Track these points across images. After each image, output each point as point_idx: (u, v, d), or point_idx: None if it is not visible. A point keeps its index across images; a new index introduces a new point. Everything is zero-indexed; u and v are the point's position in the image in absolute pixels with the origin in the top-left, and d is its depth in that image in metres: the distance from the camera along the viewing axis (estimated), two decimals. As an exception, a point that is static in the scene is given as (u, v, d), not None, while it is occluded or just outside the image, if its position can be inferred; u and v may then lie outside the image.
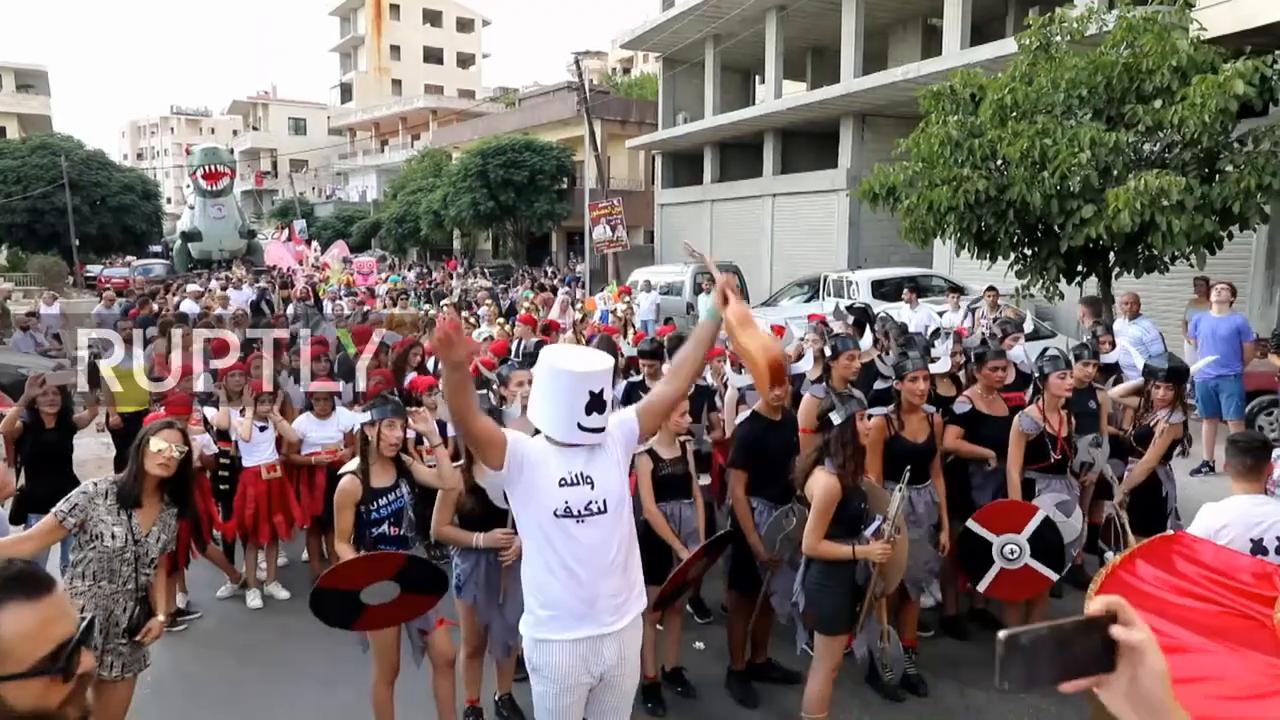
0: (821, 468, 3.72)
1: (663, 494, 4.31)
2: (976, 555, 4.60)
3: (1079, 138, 8.83)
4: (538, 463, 2.80)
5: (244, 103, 70.49)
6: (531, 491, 2.79)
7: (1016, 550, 4.52)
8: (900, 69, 18.13)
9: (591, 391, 2.75)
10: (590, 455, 2.84)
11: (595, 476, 2.82)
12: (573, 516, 2.76)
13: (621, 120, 34.10)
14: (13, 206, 37.58)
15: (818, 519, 3.66)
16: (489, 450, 2.75)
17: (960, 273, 16.05)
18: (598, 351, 3.02)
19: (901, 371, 4.51)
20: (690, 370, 3.08)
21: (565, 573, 2.78)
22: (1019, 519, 4.57)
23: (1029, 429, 4.71)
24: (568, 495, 2.77)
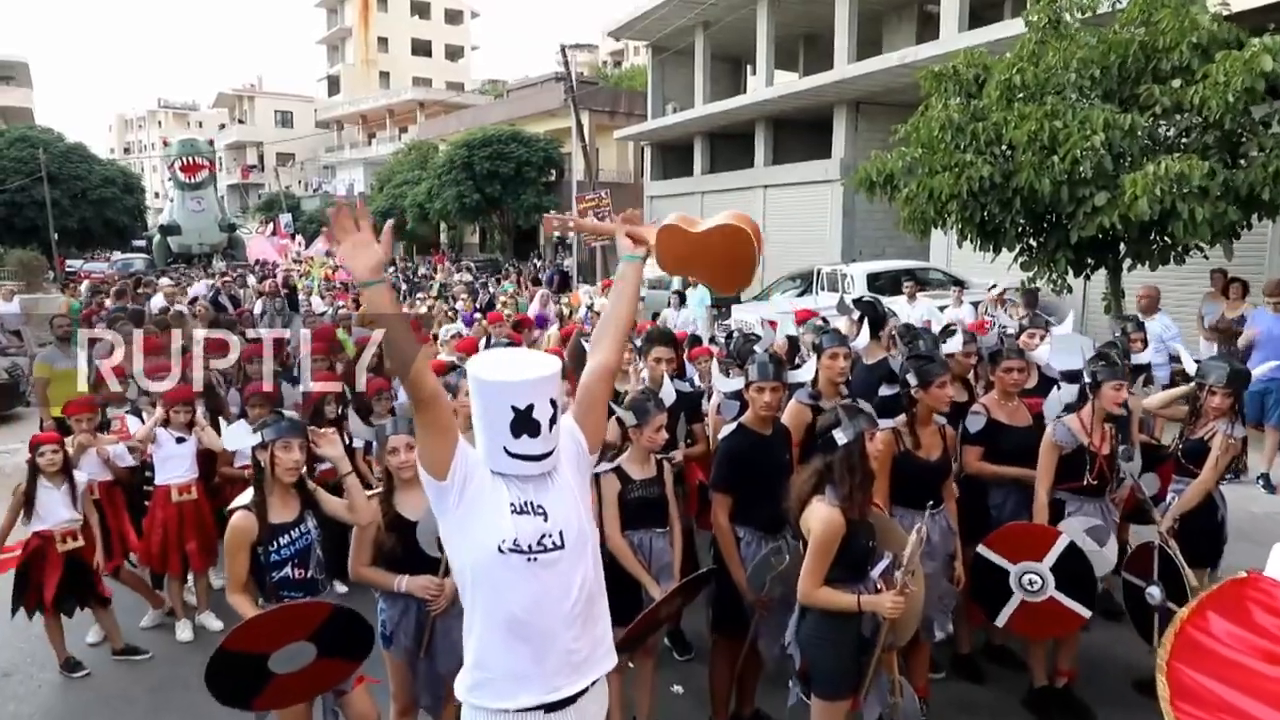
0: (821, 498, 3.07)
1: (632, 521, 3.67)
2: (992, 585, 3.97)
3: (1091, 120, 8.22)
4: (484, 481, 2.20)
5: (230, 95, 69.55)
6: (472, 517, 2.18)
7: (1038, 581, 3.90)
8: (896, 54, 17.54)
9: (515, 407, 2.14)
10: (539, 483, 2.25)
11: (548, 506, 2.23)
12: (522, 552, 2.16)
13: (610, 111, 33.45)
14: (-10, 199, 36.85)
15: (816, 560, 3.02)
16: (436, 436, 2.14)
17: (959, 265, 15.45)
18: (537, 355, 2.39)
19: (927, 377, 3.85)
20: (616, 331, 2.49)
21: (509, 625, 2.18)
22: (1040, 545, 3.92)
23: (1064, 440, 4.08)
24: (517, 526, 2.17)
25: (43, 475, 4.67)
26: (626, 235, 2.53)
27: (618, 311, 2.51)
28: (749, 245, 2.44)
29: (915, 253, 17.21)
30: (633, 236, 2.53)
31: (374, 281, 2.01)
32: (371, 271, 2.01)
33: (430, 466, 2.17)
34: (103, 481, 5.16)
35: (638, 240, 2.53)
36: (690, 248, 2.49)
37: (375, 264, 2.01)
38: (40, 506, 4.68)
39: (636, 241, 2.54)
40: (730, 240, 2.45)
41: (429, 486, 2.20)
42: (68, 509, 4.72)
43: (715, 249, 2.47)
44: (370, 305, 2.08)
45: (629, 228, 2.53)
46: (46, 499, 4.69)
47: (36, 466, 4.66)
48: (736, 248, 2.45)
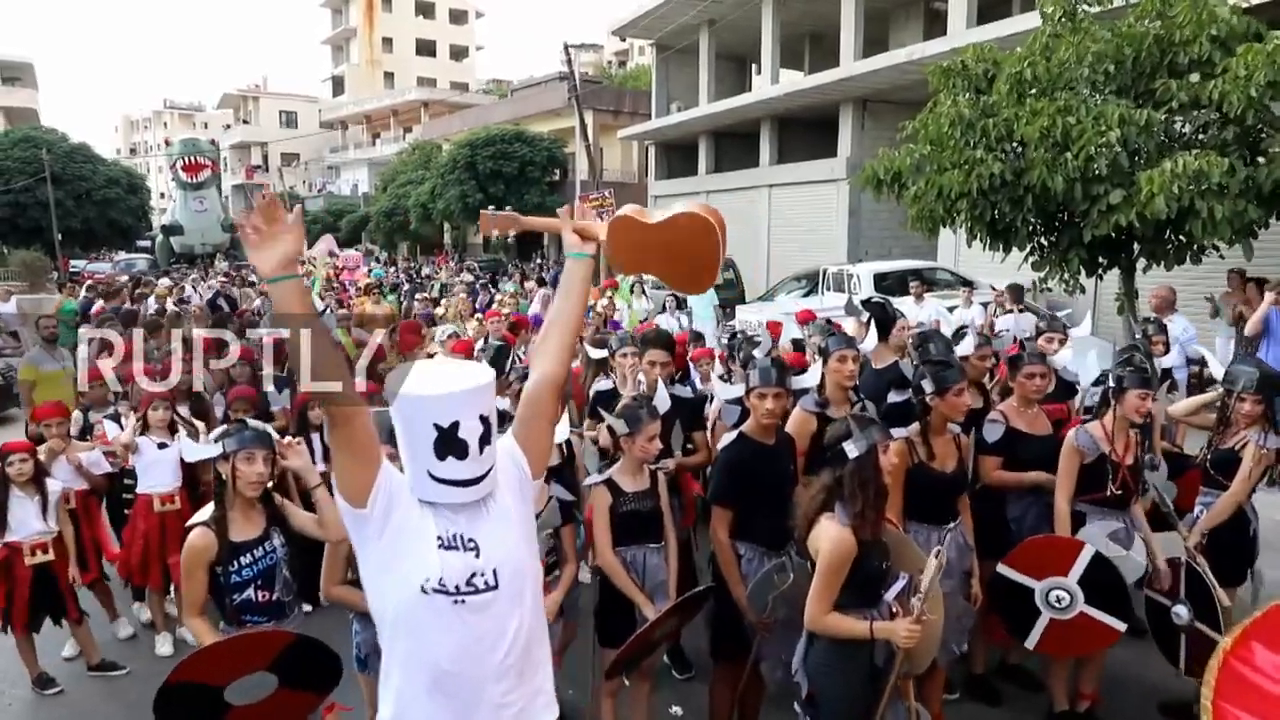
0: (830, 515, 2.83)
1: (624, 536, 3.45)
2: (1017, 605, 3.73)
3: (1105, 115, 7.97)
4: (410, 510, 1.95)
5: (234, 95, 69.48)
6: (395, 552, 1.93)
7: (1066, 597, 3.65)
8: (903, 50, 17.29)
9: (438, 425, 1.89)
10: (472, 513, 1.99)
11: (481, 540, 1.97)
12: (447, 593, 1.91)
13: (614, 110, 33.23)
14: (-5, 200, 36.80)
15: (825, 584, 2.79)
16: (354, 457, 1.90)
17: (967, 265, 15.20)
18: (468, 365, 2.13)
19: (944, 383, 3.60)
20: (561, 337, 2.22)
21: (432, 677, 1.93)
22: (1063, 558, 3.68)
23: (1086, 447, 3.83)
24: (444, 563, 1.92)
25: (13, 485, 4.46)
26: (574, 231, 2.25)
27: (563, 315, 2.24)
28: (712, 236, 2.17)
29: (923, 252, 16.96)
30: (581, 232, 2.26)
31: (283, 277, 1.76)
32: (280, 265, 1.76)
33: (347, 491, 1.91)
34: (79, 490, 4.95)
35: (586, 236, 2.26)
36: (646, 242, 2.22)
37: (284, 257, 1.76)
38: (11, 517, 4.47)
39: (585, 237, 2.26)
40: (691, 231, 2.18)
41: (346, 515, 1.95)
42: (39, 520, 4.51)
43: (674, 242, 2.20)
44: (277, 304, 1.79)
45: (576, 223, 2.26)
46: (18, 509, 4.48)
47: (6, 476, 4.45)
48: (698, 240, 2.18)
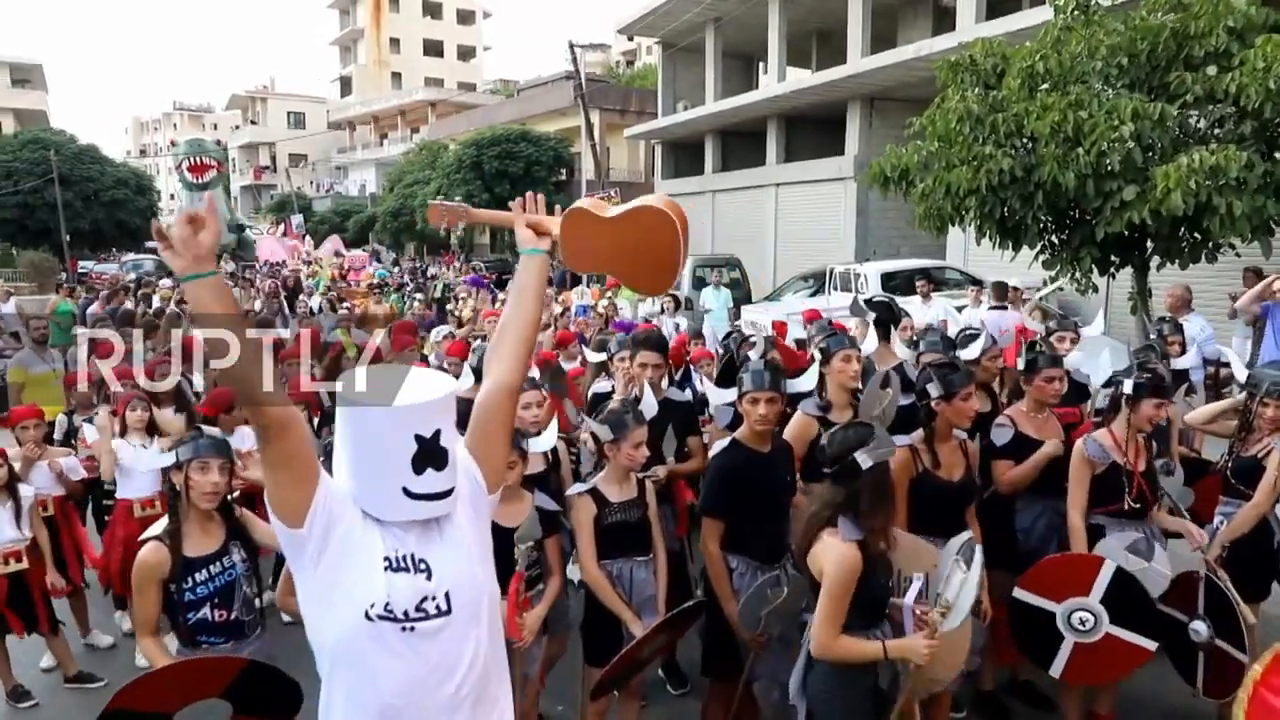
0: (833, 531, 2.62)
1: (610, 548, 3.26)
2: (1038, 631, 3.50)
3: (1119, 109, 7.76)
4: (353, 527, 1.78)
5: (243, 97, 69.59)
6: (336, 576, 1.77)
7: (1089, 619, 3.43)
8: (911, 46, 17.07)
9: (420, 436, 1.76)
10: (423, 531, 1.84)
11: (433, 561, 1.82)
12: (395, 620, 1.76)
13: (621, 110, 33.05)
14: (3, 202, 36.83)
15: (833, 606, 2.57)
16: (290, 473, 1.73)
17: (976, 264, 14.97)
18: (424, 371, 2.00)
19: (952, 388, 3.39)
20: (517, 340, 2.07)
21: (377, 711, 1.77)
22: (1082, 577, 3.44)
23: (1096, 455, 3.63)
24: (391, 586, 1.76)
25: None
26: (527, 226, 2.13)
27: (518, 317, 2.09)
28: (673, 233, 2.02)
29: (931, 251, 16.75)
30: (534, 227, 2.13)
31: (199, 274, 1.58)
32: (197, 260, 1.58)
33: (282, 511, 1.74)
34: (56, 496, 4.79)
35: (540, 231, 2.13)
36: (602, 238, 2.09)
37: (201, 251, 1.59)
38: None
39: (539, 232, 2.13)
40: (650, 227, 2.04)
41: (280, 536, 1.77)
42: (11, 527, 4.35)
43: (632, 238, 2.06)
44: (194, 304, 1.62)
45: (530, 217, 2.14)
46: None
47: None
48: (657, 235, 2.04)
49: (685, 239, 2.05)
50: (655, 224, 2.03)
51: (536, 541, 3.17)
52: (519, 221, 2.15)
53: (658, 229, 2.03)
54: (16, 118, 49.54)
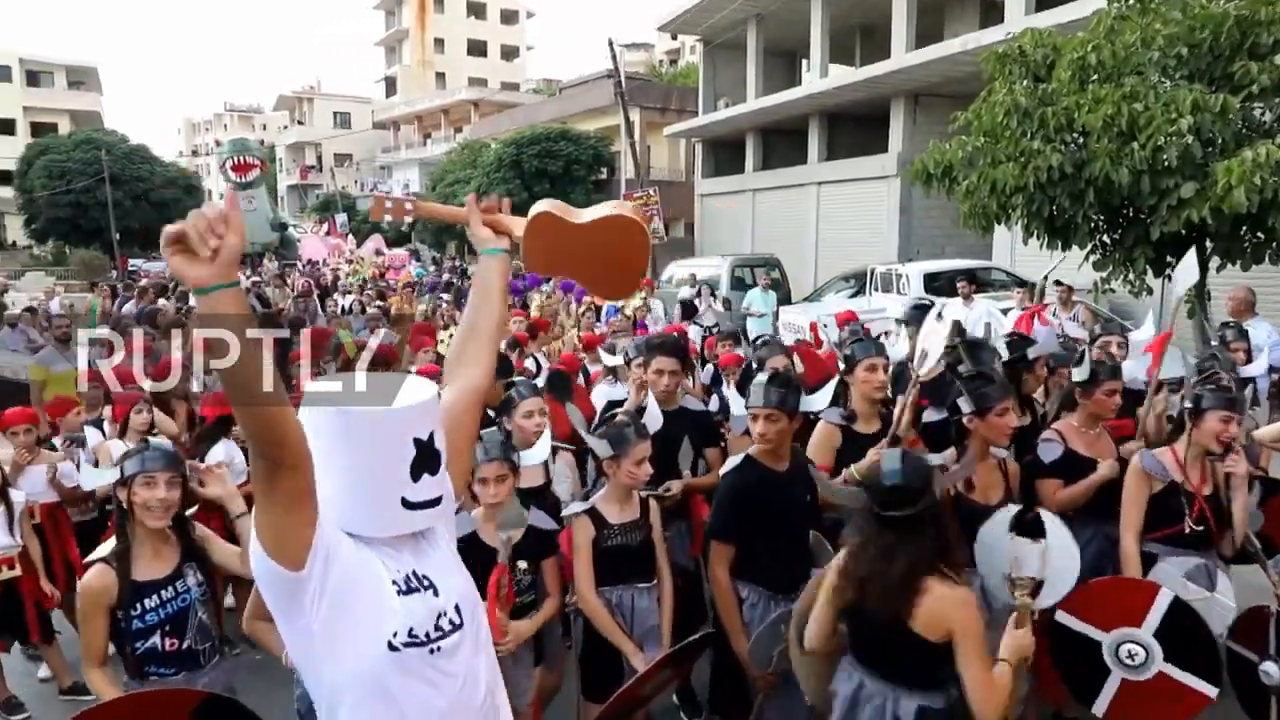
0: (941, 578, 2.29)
1: (610, 574, 3.01)
2: (1081, 661, 3.15)
3: (1177, 102, 7.33)
4: (349, 559, 1.60)
5: (289, 97, 70.55)
6: (343, 611, 1.57)
7: (1140, 654, 3.06)
8: (958, 40, 16.57)
9: (419, 439, 1.65)
10: (416, 547, 1.71)
11: (434, 576, 1.70)
12: (420, 644, 1.62)
13: (661, 108, 32.78)
14: (57, 201, 37.71)
15: (985, 663, 2.26)
16: (297, 511, 1.52)
17: (1023, 265, 14.44)
18: (406, 377, 1.81)
19: (985, 402, 3.07)
20: (483, 344, 1.99)
21: None
22: (1134, 605, 3.07)
23: (1154, 470, 3.28)
24: (409, 610, 1.62)
25: None
26: (485, 224, 2.02)
27: (482, 319, 2.00)
28: (641, 240, 2.03)
29: (976, 251, 16.24)
30: (493, 225, 2.02)
31: (218, 286, 1.32)
32: (220, 271, 1.32)
33: (281, 553, 1.52)
34: (44, 504, 4.64)
35: (498, 229, 2.03)
36: (569, 243, 2.02)
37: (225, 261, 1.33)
38: None
39: (497, 231, 2.03)
40: (621, 236, 2.03)
41: (272, 581, 1.55)
42: (4, 533, 4.22)
43: (603, 246, 2.04)
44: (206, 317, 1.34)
45: (488, 215, 2.02)
46: None
47: None
48: (627, 245, 2.04)
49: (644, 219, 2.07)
50: (625, 231, 2.02)
51: (531, 562, 2.94)
52: (474, 219, 2.04)
53: (626, 236, 2.02)
54: (72, 119, 50.77)
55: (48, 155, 38.81)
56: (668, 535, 3.74)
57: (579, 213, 2.05)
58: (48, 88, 54.24)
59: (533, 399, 3.64)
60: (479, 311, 2.01)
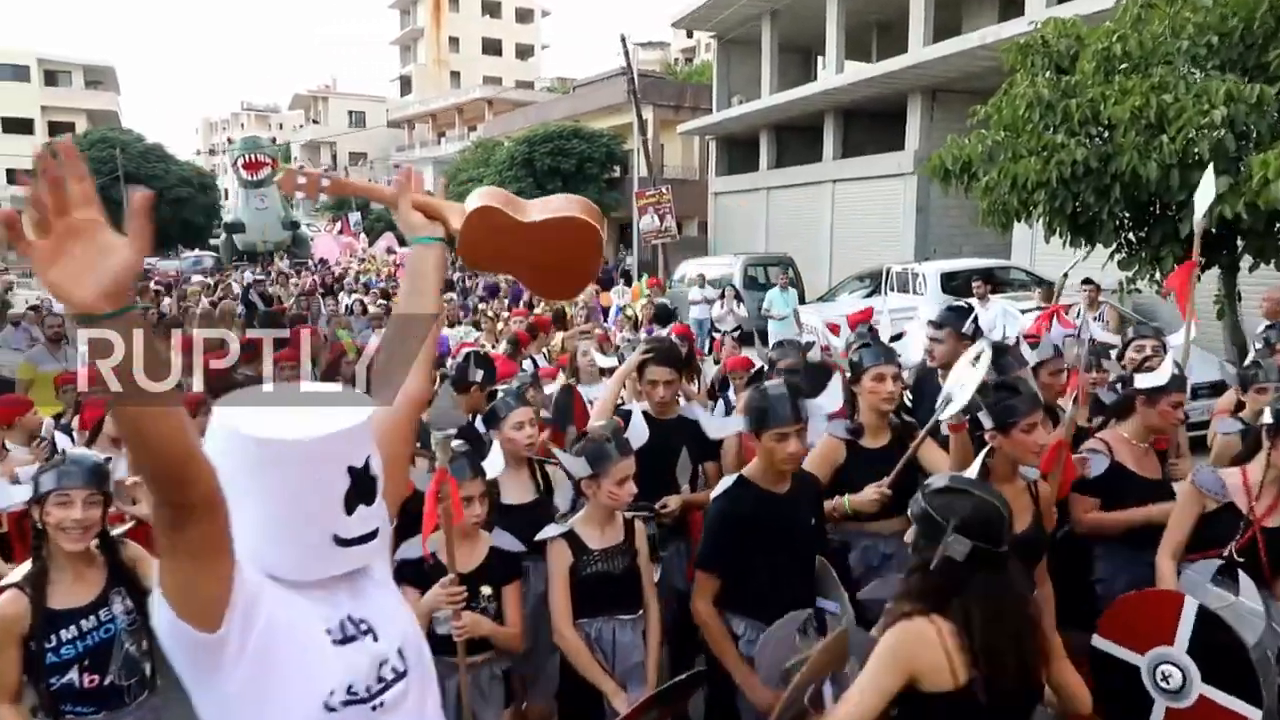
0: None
1: (589, 605, 2.71)
2: (1125, 692, 2.79)
3: (1209, 92, 6.99)
4: (274, 610, 1.35)
5: (305, 96, 70.71)
6: (269, 672, 1.32)
7: (1177, 675, 2.71)
8: (977, 33, 16.18)
9: (354, 468, 1.41)
10: (352, 586, 1.47)
11: (373, 618, 1.45)
12: (362, 701, 1.39)
13: (675, 105, 32.45)
14: (71, 199, 37.83)
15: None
16: (208, 563, 1.25)
17: (1044, 264, 14.05)
18: (318, 386, 1.62)
19: (1007, 416, 2.74)
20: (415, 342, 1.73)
21: None
22: (1162, 620, 2.74)
23: (1211, 487, 2.95)
24: (347, 663, 1.38)
25: None
26: (415, 209, 1.76)
27: (415, 319, 1.75)
28: (594, 243, 1.87)
29: (996, 250, 15.85)
30: (424, 210, 1.76)
31: (108, 313, 1.04)
32: (104, 295, 1.04)
33: (191, 609, 1.26)
34: (11, 512, 4.39)
35: (431, 214, 1.77)
36: (514, 240, 1.82)
37: (111, 281, 1.05)
38: None
39: (430, 216, 1.77)
40: (573, 237, 1.86)
41: (182, 642, 1.28)
42: None
43: (551, 245, 1.85)
44: (95, 353, 1.06)
45: (418, 198, 1.76)
46: None
47: None
48: (578, 247, 1.87)
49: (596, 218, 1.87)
50: (577, 233, 1.85)
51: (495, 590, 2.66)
52: (403, 202, 1.77)
53: (578, 238, 1.85)
54: (90, 118, 51.01)
55: (63, 154, 38.97)
56: (664, 555, 3.46)
57: (527, 207, 1.86)
58: (65, 87, 54.53)
59: (521, 409, 3.36)
60: (411, 310, 1.75)
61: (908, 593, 2.02)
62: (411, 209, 1.78)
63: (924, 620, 1.93)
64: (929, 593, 1.97)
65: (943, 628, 1.91)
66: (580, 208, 1.87)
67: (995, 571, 1.96)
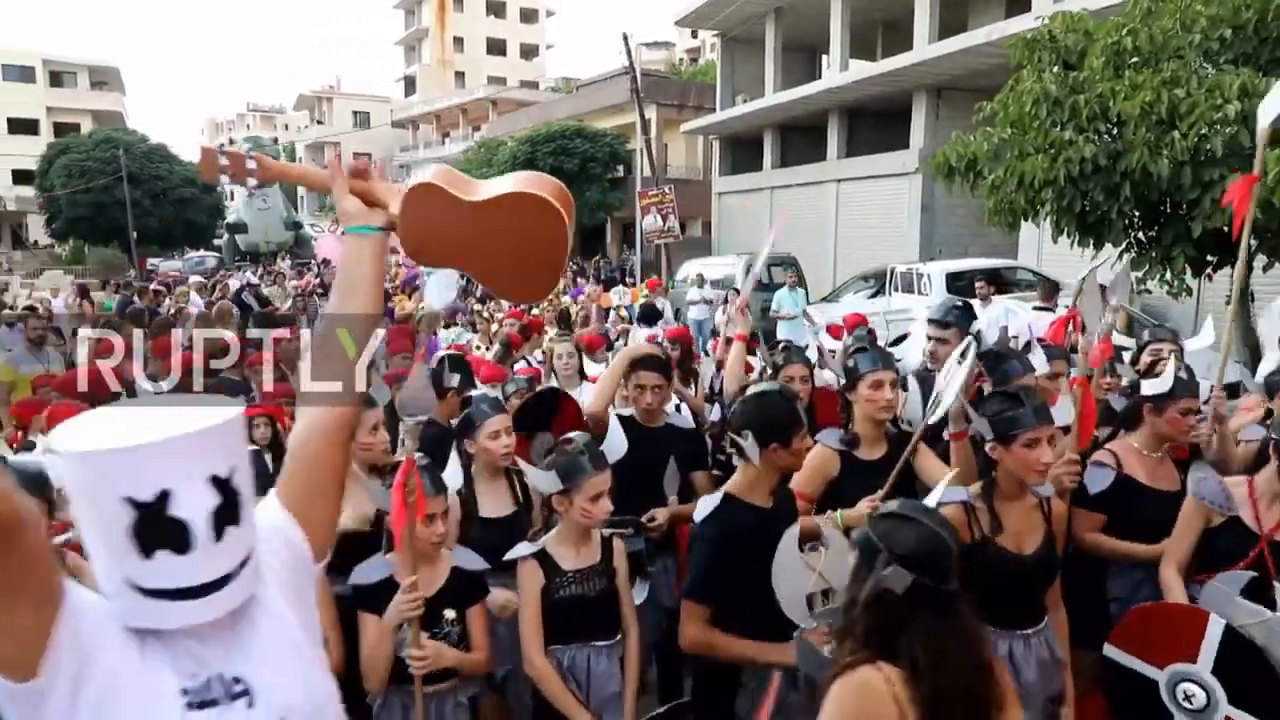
0: None
1: (563, 630, 2.53)
2: (1141, 705, 2.63)
3: (1222, 87, 6.78)
4: (114, 656, 1.16)
5: (309, 97, 70.72)
6: None
7: (1200, 696, 2.52)
8: (983, 30, 15.98)
9: (134, 500, 1.12)
10: (225, 633, 1.26)
11: (251, 676, 1.25)
12: None
13: (679, 105, 32.31)
14: (76, 200, 37.86)
15: None
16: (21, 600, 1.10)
17: (1051, 264, 13.83)
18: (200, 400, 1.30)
19: (1008, 428, 2.49)
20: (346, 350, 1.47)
21: None
22: (1185, 636, 2.56)
23: (1214, 499, 2.75)
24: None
25: None
26: (352, 193, 1.52)
27: (343, 326, 1.49)
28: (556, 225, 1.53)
29: (1002, 250, 15.66)
30: (363, 195, 1.51)
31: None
32: None
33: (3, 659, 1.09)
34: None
35: (371, 202, 1.52)
36: (461, 227, 1.52)
37: None
38: None
39: (369, 203, 1.52)
40: (530, 220, 1.53)
41: None
42: None
43: (505, 232, 1.53)
44: None
45: (355, 182, 1.52)
46: None
47: None
48: (538, 233, 1.53)
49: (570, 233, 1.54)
50: (534, 214, 1.52)
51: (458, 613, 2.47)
52: (339, 187, 1.53)
53: (536, 221, 1.52)
54: (95, 119, 51.03)
55: (67, 155, 39.01)
56: (652, 571, 3.27)
57: (475, 186, 1.56)
58: (70, 88, 54.61)
59: (498, 416, 3.17)
60: (334, 318, 1.51)
61: (848, 630, 1.81)
62: (347, 195, 1.55)
63: (870, 669, 1.71)
64: (869, 632, 1.76)
65: (891, 675, 1.69)
66: (540, 184, 1.56)
67: (941, 611, 1.74)
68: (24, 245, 47.38)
